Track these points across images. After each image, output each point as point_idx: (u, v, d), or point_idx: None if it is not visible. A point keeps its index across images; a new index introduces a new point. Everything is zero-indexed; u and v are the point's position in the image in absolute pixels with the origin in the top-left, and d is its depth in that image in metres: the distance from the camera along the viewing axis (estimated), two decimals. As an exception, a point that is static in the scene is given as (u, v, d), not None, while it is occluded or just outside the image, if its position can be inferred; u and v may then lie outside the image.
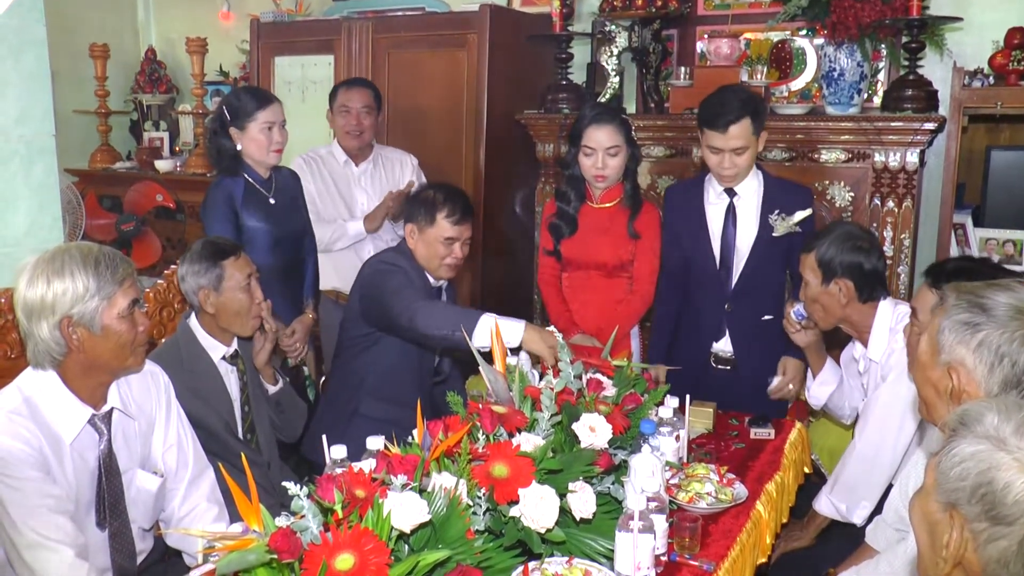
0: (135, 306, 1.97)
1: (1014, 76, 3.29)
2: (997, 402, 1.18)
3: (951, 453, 1.15)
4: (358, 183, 3.63)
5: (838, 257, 2.51)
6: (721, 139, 2.78)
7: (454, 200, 2.77)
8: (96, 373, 1.98)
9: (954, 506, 1.13)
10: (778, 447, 2.61)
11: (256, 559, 1.43)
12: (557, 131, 4.00)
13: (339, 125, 3.61)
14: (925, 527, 1.20)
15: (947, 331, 1.57)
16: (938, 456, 1.18)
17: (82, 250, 1.93)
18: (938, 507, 1.16)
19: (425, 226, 2.76)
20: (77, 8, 5.55)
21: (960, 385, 1.54)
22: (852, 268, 2.51)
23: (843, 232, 2.57)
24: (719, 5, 4.11)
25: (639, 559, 1.73)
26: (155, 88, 5.82)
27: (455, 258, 2.78)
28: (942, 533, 1.15)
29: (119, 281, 1.93)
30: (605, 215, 3.07)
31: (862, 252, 2.52)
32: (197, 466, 2.22)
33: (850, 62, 3.54)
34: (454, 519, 1.59)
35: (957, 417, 1.19)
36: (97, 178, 5.49)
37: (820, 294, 2.56)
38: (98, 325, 1.91)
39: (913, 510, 1.24)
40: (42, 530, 1.83)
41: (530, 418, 1.96)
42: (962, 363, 1.54)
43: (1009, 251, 3.41)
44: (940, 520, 1.16)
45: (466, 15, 4.10)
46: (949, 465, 1.14)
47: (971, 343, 1.53)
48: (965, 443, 1.14)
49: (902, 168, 3.40)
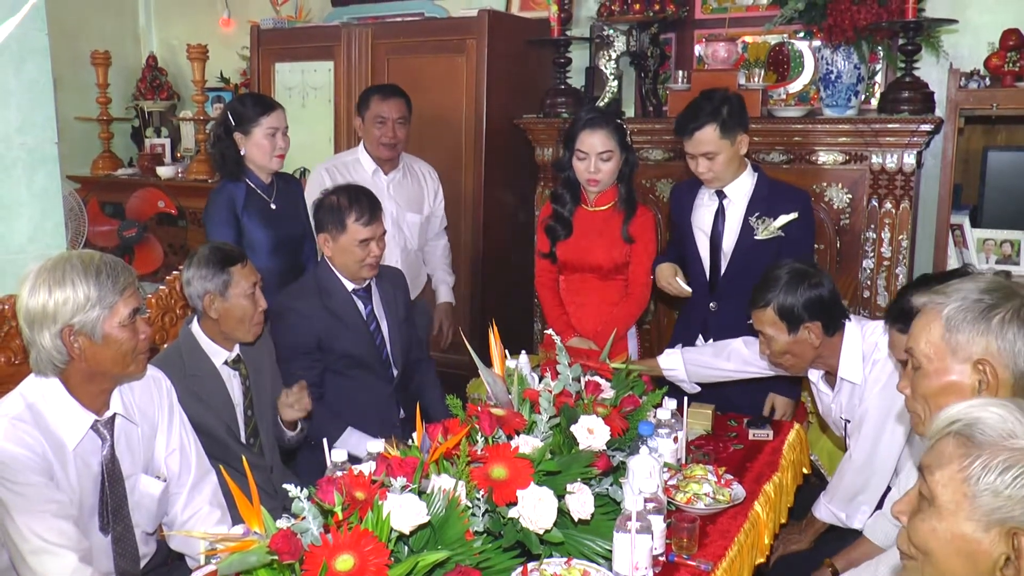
0: (136, 314, 1.99)
1: (1010, 77, 3.30)
2: (1000, 405, 1.14)
3: (985, 467, 1.08)
4: (387, 192, 3.58)
5: (798, 301, 2.41)
6: (690, 145, 2.87)
7: (360, 201, 2.79)
8: (98, 380, 2.00)
9: (1007, 522, 1.06)
10: (776, 448, 2.62)
11: (257, 560, 1.45)
12: (556, 135, 4.02)
13: (374, 136, 3.53)
14: (954, 548, 1.11)
15: (959, 328, 1.54)
16: (960, 471, 1.10)
17: (83, 259, 1.95)
18: (975, 526, 1.09)
19: (337, 234, 2.78)
20: (78, 15, 5.58)
21: (993, 374, 1.52)
22: (813, 306, 2.41)
23: (789, 274, 2.46)
24: (716, 9, 4.13)
25: (637, 559, 1.74)
26: (156, 95, 5.85)
27: (374, 257, 2.80)
28: (991, 553, 1.07)
29: (120, 290, 1.94)
30: (600, 218, 3.09)
31: (815, 286, 2.43)
32: (200, 470, 2.24)
33: (847, 64, 3.56)
34: (453, 520, 1.61)
35: (959, 425, 1.13)
36: (99, 185, 5.51)
37: (790, 345, 2.46)
38: (99, 334, 1.92)
39: (931, 532, 1.14)
40: (46, 535, 1.85)
41: (529, 420, 1.98)
42: (986, 351, 1.52)
43: (1007, 251, 3.42)
44: (982, 539, 1.08)
45: (465, 21, 4.12)
46: (989, 480, 1.07)
47: (990, 331, 1.52)
48: (996, 455, 1.07)
49: (899, 170, 3.42)
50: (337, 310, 2.82)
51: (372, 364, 2.87)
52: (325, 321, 2.80)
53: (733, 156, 2.86)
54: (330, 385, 2.86)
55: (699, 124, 2.82)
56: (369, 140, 3.58)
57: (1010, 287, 1.60)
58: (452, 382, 3.62)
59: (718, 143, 2.82)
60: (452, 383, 3.56)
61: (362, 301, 2.88)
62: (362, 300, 2.88)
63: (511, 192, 4.28)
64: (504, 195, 4.25)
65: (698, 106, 2.86)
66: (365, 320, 2.87)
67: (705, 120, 2.82)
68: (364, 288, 2.89)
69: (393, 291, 2.99)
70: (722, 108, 2.82)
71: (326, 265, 2.85)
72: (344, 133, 4.42)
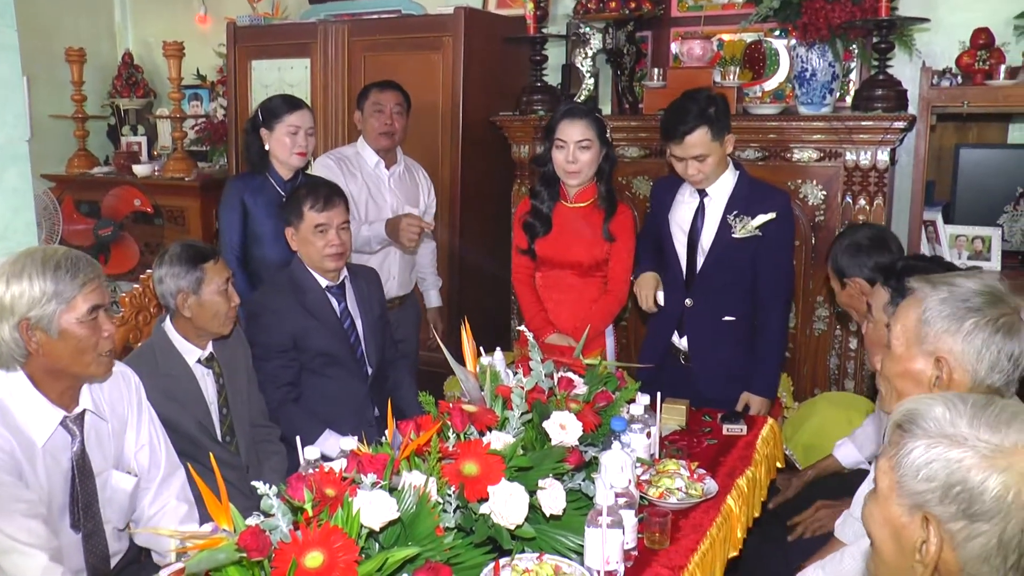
0: (97, 311, 1.96)
1: (980, 76, 3.34)
2: (942, 397, 1.17)
3: (910, 455, 1.13)
4: (387, 184, 3.62)
5: (840, 260, 2.67)
6: (680, 149, 2.82)
7: (316, 189, 2.85)
8: (60, 377, 1.98)
9: (923, 508, 1.11)
10: (750, 443, 2.64)
11: (226, 558, 1.44)
12: (532, 132, 4.03)
13: (372, 125, 3.57)
14: (887, 532, 1.17)
15: (931, 321, 1.58)
16: (893, 458, 1.15)
17: (46, 253, 1.93)
18: (902, 511, 1.14)
19: (298, 223, 2.82)
20: (52, 13, 5.54)
21: (949, 374, 1.55)
22: (856, 266, 2.63)
23: (849, 237, 2.73)
24: (692, 7, 4.15)
25: (608, 553, 1.75)
26: (132, 92, 5.80)
27: (334, 246, 2.80)
28: (912, 537, 1.12)
29: (79, 285, 1.92)
30: (580, 214, 3.09)
31: (863, 250, 2.64)
32: (169, 465, 2.24)
33: (822, 62, 3.58)
34: (423, 516, 1.61)
35: (903, 415, 1.17)
36: (74, 183, 5.46)
37: (844, 296, 2.71)
38: (55, 329, 1.90)
39: (870, 516, 1.20)
40: (15, 534, 1.84)
41: (501, 416, 1.99)
42: (950, 352, 1.56)
43: (978, 247, 3.45)
44: (906, 524, 1.13)
45: (441, 18, 4.12)
46: (911, 467, 1.12)
47: (959, 332, 1.56)
48: (922, 443, 1.12)
49: (873, 166, 3.44)
50: (311, 307, 2.82)
51: (347, 362, 2.86)
52: (300, 319, 2.80)
53: (721, 156, 2.86)
54: (306, 384, 2.85)
55: (690, 128, 2.77)
56: (368, 131, 3.60)
57: (1002, 297, 1.62)
58: (432, 380, 3.63)
59: (709, 145, 2.80)
60: (432, 381, 3.57)
61: (336, 298, 2.88)
62: (336, 297, 2.88)
63: (488, 189, 4.28)
64: (481, 192, 4.25)
65: (684, 108, 2.81)
66: (339, 317, 2.87)
67: (695, 123, 2.77)
68: (338, 286, 2.89)
69: (368, 289, 2.99)
70: (709, 109, 2.79)
71: (300, 263, 2.85)
72: (321, 130, 4.40)
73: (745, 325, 2.98)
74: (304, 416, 2.79)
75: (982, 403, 1.15)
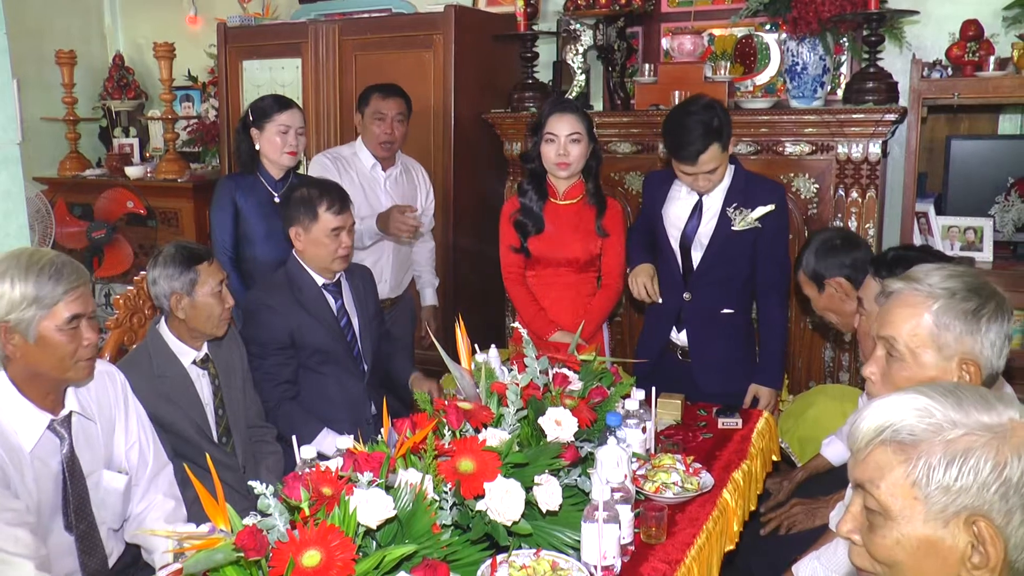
0: (79, 320, 1.94)
1: (970, 67, 3.35)
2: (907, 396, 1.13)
3: (930, 465, 1.08)
4: (383, 187, 3.61)
5: (816, 264, 2.69)
6: (692, 167, 2.79)
7: (330, 192, 2.83)
8: (41, 381, 1.97)
9: (961, 513, 1.06)
10: (745, 436, 2.65)
11: (223, 558, 1.45)
12: (524, 130, 4.02)
13: (373, 132, 3.55)
14: (922, 552, 1.10)
15: (947, 328, 1.57)
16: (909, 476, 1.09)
17: (32, 257, 1.92)
18: (936, 524, 1.08)
19: (310, 224, 2.79)
20: (43, 15, 5.52)
21: (975, 372, 1.54)
22: (834, 266, 2.66)
23: (818, 240, 2.74)
24: (683, 2, 4.16)
25: (605, 548, 1.76)
26: (124, 94, 5.79)
27: (345, 248, 2.82)
28: (956, 547, 1.07)
29: (63, 292, 1.91)
30: (571, 211, 3.10)
31: (837, 249, 2.67)
32: (157, 462, 2.24)
33: (812, 56, 3.59)
34: (420, 514, 1.61)
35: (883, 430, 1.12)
36: (67, 186, 5.44)
37: (824, 300, 2.72)
38: (33, 335, 1.89)
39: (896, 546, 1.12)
40: (2, 544, 1.82)
41: (496, 413, 1.99)
42: (972, 352, 1.56)
43: (970, 238, 3.46)
44: (943, 536, 1.08)
45: (432, 16, 4.12)
46: (939, 477, 1.07)
47: (979, 329, 1.56)
48: (939, 451, 1.08)
49: (865, 159, 3.45)
50: (308, 305, 2.82)
51: (343, 359, 2.87)
52: (297, 315, 2.80)
53: (725, 160, 2.86)
54: (303, 382, 2.85)
55: (703, 147, 2.73)
56: (368, 137, 3.59)
57: (985, 282, 1.63)
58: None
59: (720, 157, 2.78)
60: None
61: (332, 296, 2.88)
62: (332, 295, 2.88)
63: (481, 186, 4.28)
64: (474, 190, 4.25)
65: (687, 127, 2.74)
66: (336, 315, 2.87)
67: (706, 142, 2.72)
68: (334, 283, 2.89)
69: (363, 287, 2.99)
70: (713, 122, 2.73)
71: (296, 261, 2.85)
72: (313, 129, 4.40)
73: (744, 317, 3.00)
74: (302, 414, 2.79)
75: (950, 389, 1.14)
